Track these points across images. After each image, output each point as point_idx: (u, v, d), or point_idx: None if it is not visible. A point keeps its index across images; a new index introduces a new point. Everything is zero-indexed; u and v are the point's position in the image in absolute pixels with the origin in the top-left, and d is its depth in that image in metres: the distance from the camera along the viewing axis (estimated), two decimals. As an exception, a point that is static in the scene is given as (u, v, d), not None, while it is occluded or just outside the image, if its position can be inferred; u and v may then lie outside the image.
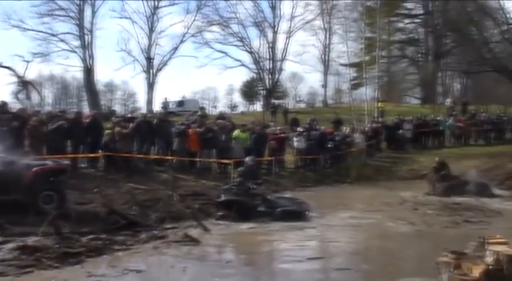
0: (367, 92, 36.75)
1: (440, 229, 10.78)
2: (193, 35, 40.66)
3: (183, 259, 8.11)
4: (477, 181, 15.48)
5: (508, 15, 28.81)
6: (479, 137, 26.10)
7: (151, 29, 38.97)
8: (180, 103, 39.76)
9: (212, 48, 42.89)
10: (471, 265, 4.65)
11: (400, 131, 24.55)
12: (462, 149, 24.14)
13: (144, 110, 37.18)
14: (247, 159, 13.79)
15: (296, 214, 11.74)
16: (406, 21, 53.08)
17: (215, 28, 42.30)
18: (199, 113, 24.09)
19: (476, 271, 4.54)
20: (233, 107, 70.21)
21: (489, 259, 4.63)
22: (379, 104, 31.65)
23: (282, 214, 11.56)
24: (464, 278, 4.53)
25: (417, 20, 52.62)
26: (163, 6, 39.93)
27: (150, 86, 39.21)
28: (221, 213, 11.54)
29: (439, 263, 4.86)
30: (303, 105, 61.53)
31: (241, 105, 67.87)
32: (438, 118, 26.55)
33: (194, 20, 40.08)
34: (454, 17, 32.86)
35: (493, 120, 26.38)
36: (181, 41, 39.95)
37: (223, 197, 11.88)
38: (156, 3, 39.04)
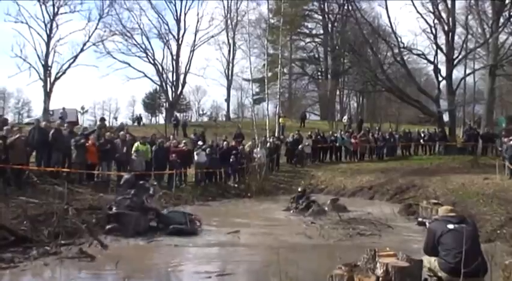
0: (269, 107, 37.56)
1: (335, 242, 11.16)
2: (94, 44, 39.18)
3: (76, 275, 7.78)
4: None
5: (399, 39, 30.60)
6: (373, 153, 27.28)
7: (49, 36, 36.98)
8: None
9: (114, 58, 41.78)
10: (363, 277, 4.83)
11: (300, 146, 25.15)
12: (357, 165, 25.13)
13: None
14: (125, 176, 13.20)
15: (188, 233, 11.49)
16: (307, 40, 55.16)
17: (118, 38, 41.20)
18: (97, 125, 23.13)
19: (368, 283, 4.72)
20: (135, 119, 69.09)
21: (379, 271, 4.84)
22: (280, 119, 32.29)
23: (174, 231, 11.34)
24: (357, 290, 4.69)
25: (317, 40, 54.77)
26: (63, 13, 38.16)
27: (47, 94, 37.21)
28: (110, 226, 11.03)
29: (334, 275, 4.98)
30: (206, 118, 61.74)
31: (144, 118, 66.98)
32: (336, 134, 27.38)
33: (96, 28, 38.66)
34: (350, 38, 34.31)
35: (385, 138, 27.62)
36: (82, 50, 38.24)
37: (114, 210, 11.39)
38: (56, 10, 37.18)
